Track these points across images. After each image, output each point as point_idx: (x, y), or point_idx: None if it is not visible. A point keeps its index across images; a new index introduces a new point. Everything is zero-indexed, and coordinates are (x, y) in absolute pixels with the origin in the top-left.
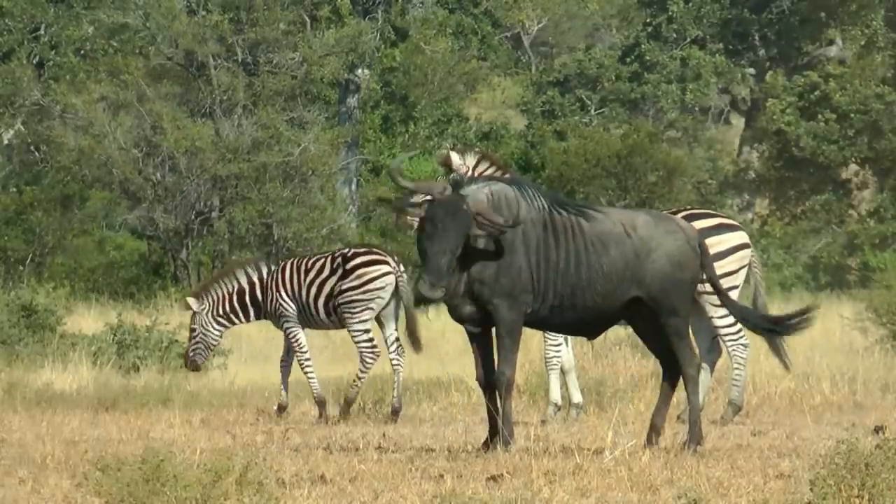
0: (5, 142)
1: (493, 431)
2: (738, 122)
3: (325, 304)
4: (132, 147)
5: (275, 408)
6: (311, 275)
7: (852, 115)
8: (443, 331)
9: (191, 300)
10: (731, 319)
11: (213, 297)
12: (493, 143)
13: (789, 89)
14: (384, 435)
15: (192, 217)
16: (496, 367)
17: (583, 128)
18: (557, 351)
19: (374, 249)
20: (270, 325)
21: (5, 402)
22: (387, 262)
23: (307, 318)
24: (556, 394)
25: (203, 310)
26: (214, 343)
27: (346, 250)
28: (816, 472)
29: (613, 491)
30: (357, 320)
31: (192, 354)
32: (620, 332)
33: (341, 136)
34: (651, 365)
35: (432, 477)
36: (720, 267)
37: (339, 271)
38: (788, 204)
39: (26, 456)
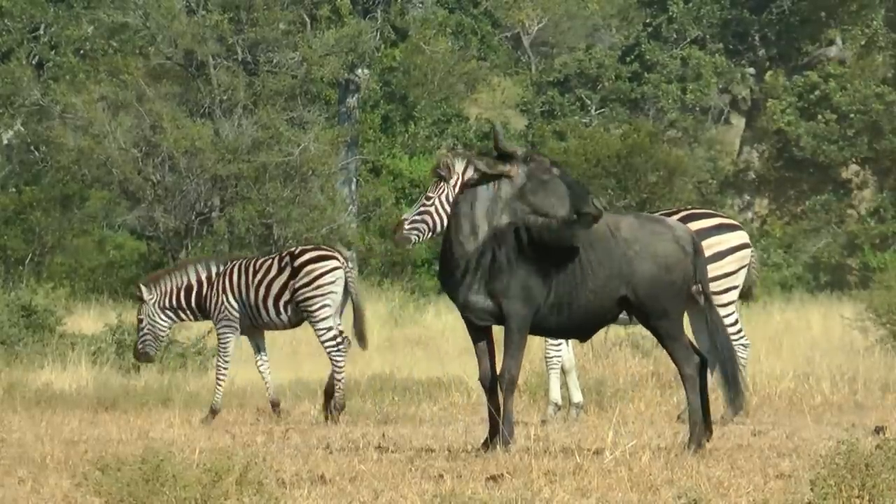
0: (5, 142)
1: (494, 431)
2: (739, 122)
3: (275, 304)
4: (132, 147)
5: (271, 408)
6: (259, 275)
7: (852, 115)
8: (443, 331)
9: (143, 288)
10: (732, 319)
11: (162, 289)
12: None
13: (789, 89)
14: (384, 435)
15: (192, 217)
16: (503, 365)
17: (583, 128)
18: (558, 351)
19: (322, 246)
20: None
21: (5, 402)
22: (335, 258)
23: (255, 319)
24: (556, 394)
25: (151, 300)
26: (163, 334)
27: (293, 249)
28: (817, 472)
29: (613, 491)
30: (318, 318)
31: (141, 346)
32: (620, 332)
33: (341, 136)
34: (651, 365)
35: (432, 477)
36: (720, 267)
37: (288, 270)
38: (788, 204)
39: (26, 456)
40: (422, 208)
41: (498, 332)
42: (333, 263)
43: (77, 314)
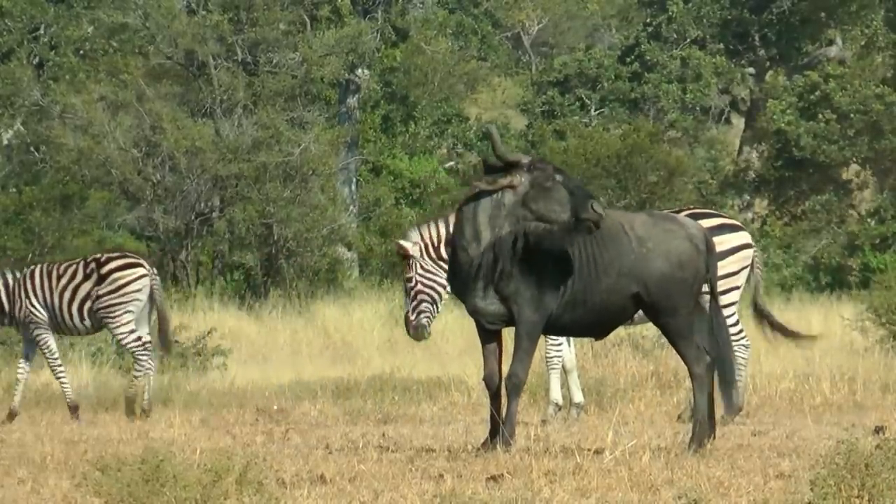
0: (5, 142)
1: (494, 431)
2: (739, 122)
3: (80, 310)
4: (132, 147)
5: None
6: (64, 280)
7: (852, 115)
8: (443, 331)
9: None
10: (733, 320)
11: None
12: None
13: (789, 89)
14: (384, 435)
15: (192, 217)
16: (510, 368)
17: (583, 128)
18: (558, 351)
19: (128, 253)
20: (269, 324)
21: (5, 402)
22: (141, 266)
23: (59, 324)
24: (556, 393)
25: None
26: None
27: (98, 256)
28: (816, 472)
29: (613, 491)
30: (118, 324)
31: None
32: (621, 332)
33: (341, 136)
34: (651, 365)
35: (432, 477)
36: (722, 267)
37: (94, 276)
38: (788, 204)
39: (26, 456)
40: (412, 293)
41: (506, 333)
42: (140, 272)
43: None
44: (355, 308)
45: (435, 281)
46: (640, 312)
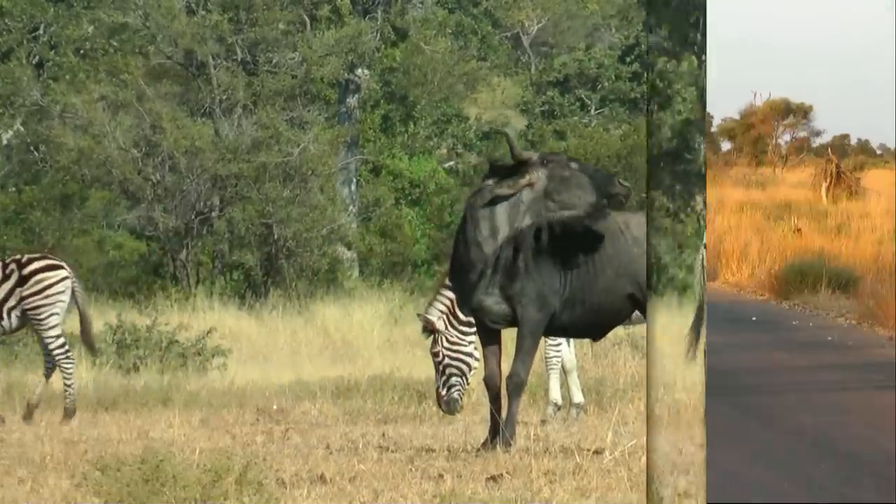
0: (4, 142)
1: (495, 431)
2: None
3: None
4: (131, 147)
5: None
6: None
7: None
8: None
9: None
10: None
11: None
12: (493, 143)
13: None
14: (384, 435)
15: (192, 217)
16: (512, 367)
17: (583, 128)
18: (557, 351)
19: (48, 255)
20: (269, 324)
21: (4, 403)
22: (63, 267)
23: None
24: (556, 393)
25: None
26: None
27: (18, 257)
28: None
29: (613, 491)
30: (47, 326)
31: None
32: (620, 332)
33: (341, 136)
34: None
35: (432, 477)
36: None
37: (14, 278)
38: None
39: (26, 456)
40: (440, 367)
41: (506, 334)
42: (62, 273)
43: (76, 314)
44: (355, 308)
45: (461, 352)
46: (639, 313)
